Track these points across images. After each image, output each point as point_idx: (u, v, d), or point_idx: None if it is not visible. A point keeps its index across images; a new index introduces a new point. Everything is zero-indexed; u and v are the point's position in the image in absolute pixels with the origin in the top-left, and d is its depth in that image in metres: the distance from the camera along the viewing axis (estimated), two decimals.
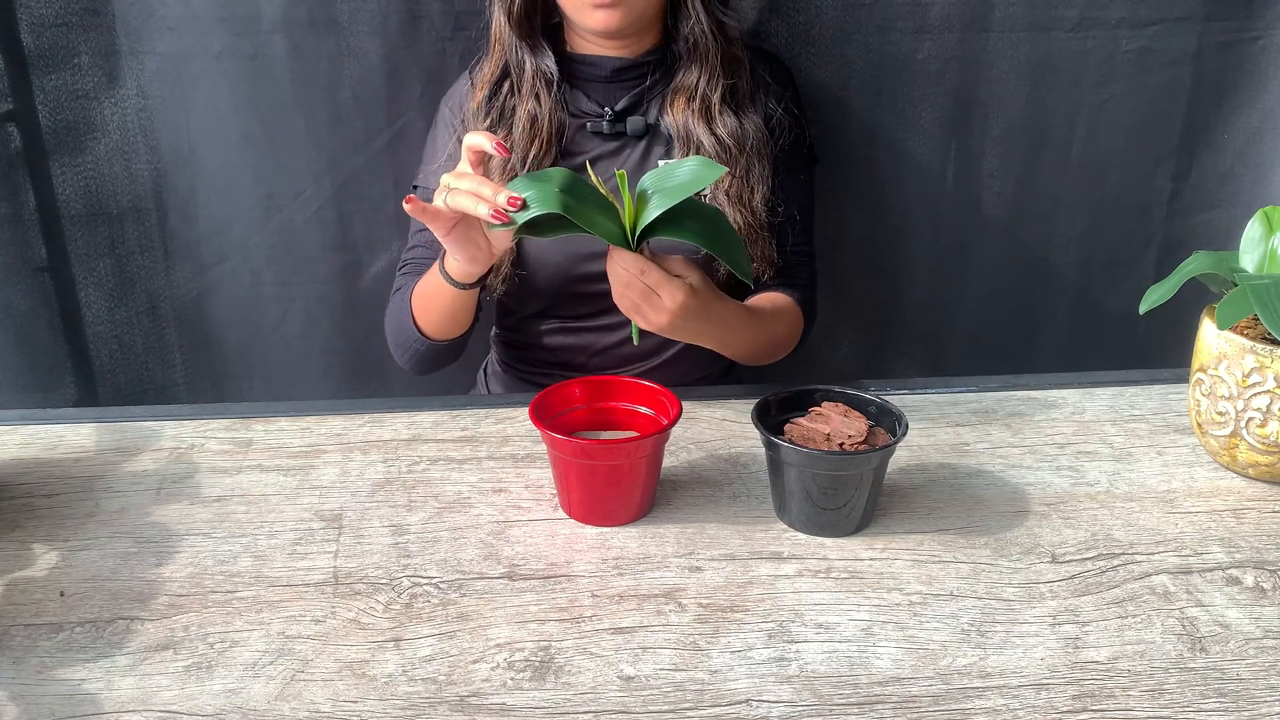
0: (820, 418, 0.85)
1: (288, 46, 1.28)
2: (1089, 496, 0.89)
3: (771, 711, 0.66)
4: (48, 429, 0.99)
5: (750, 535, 0.83)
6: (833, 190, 1.36)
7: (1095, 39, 1.35)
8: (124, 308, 1.41)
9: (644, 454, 0.83)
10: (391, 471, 0.92)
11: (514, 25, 1.10)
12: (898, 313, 1.51)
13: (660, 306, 0.91)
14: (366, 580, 0.78)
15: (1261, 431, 0.87)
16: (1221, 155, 1.43)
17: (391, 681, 0.68)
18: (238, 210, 1.37)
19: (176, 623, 0.73)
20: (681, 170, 0.85)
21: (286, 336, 1.44)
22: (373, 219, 1.39)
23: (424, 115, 1.29)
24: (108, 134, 1.32)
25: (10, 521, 0.85)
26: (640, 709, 0.66)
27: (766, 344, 1.11)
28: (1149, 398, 1.06)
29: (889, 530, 0.84)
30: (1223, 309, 0.84)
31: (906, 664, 0.70)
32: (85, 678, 0.68)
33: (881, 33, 1.33)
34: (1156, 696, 0.67)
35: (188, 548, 0.81)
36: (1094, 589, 0.77)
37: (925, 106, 1.38)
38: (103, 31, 1.27)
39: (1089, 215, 1.45)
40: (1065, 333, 1.53)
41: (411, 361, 1.14)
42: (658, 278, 0.89)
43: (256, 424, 1.00)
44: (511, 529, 0.84)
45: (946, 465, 0.93)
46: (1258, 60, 1.38)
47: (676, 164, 0.86)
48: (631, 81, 1.13)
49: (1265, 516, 0.86)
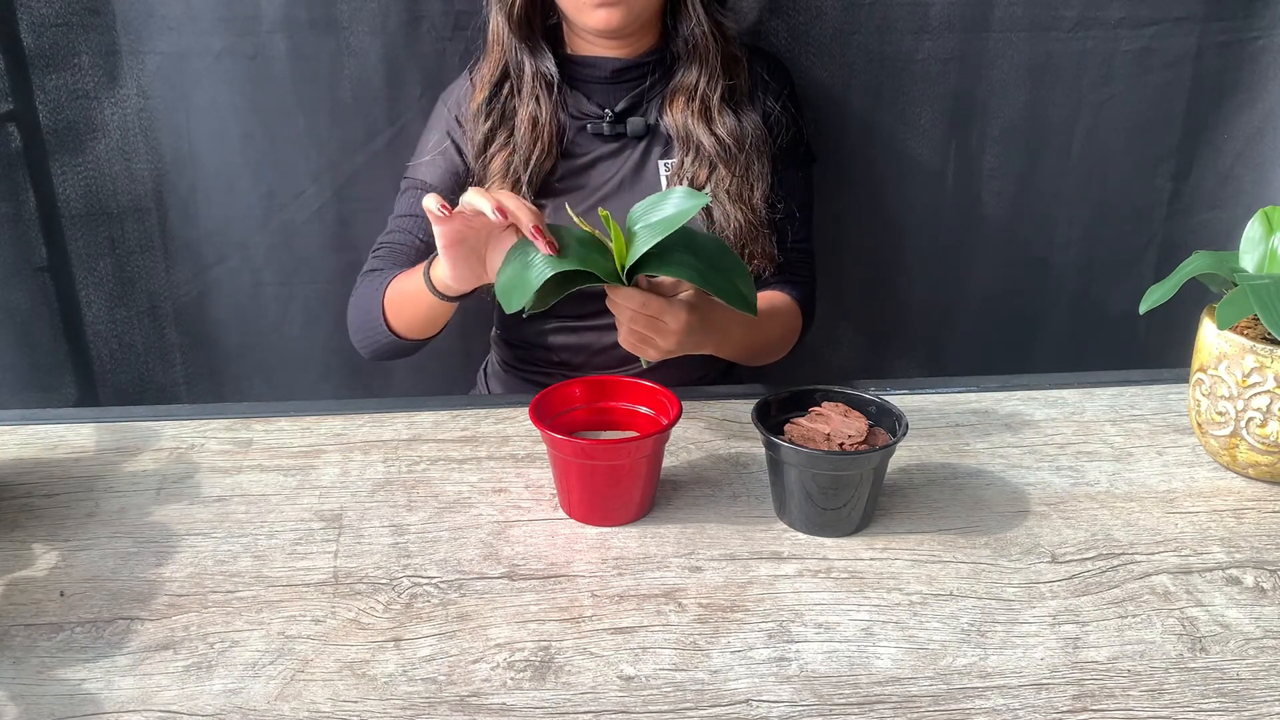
0: (820, 418, 0.85)
1: (288, 46, 1.28)
2: (1089, 496, 0.89)
3: (771, 711, 0.66)
4: (48, 429, 0.99)
5: (750, 535, 0.83)
6: (832, 190, 1.36)
7: (1095, 39, 1.35)
8: (124, 308, 1.41)
9: (644, 454, 0.83)
10: (391, 471, 0.92)
11: (513, 26, 1.10)
12: (898, 313, 1.51)
13: (666, 331, 0.91)
14: (366, 580, 0.78)
15: (1261, 431, 0.87)
16: (1221, 155, 1.43)
17: (391, 681, 0.68)
18: (238, 210, 1.37)
19: (176, 623, 0.73)
20: (667, 204, 0.84)
21: (286, 336, 1.44)
22: (373, 219, 1.38)
23: (424, 115, 1.29)
24: (108, 134, 1.32)
25: (10, 521, 0.85)
26: (640, 709, 0.66)
27: (764, 344, 1.11)
28: (1149, 398, 1.06)
29: (889, 530, 0.84)
30: (1223, 309, 0.84)
31: (906, 664, 0.70)
32: (85, 678, 0.68)
33: (881, 33, 1.33)
34: (1156, 696, 0.67)
35: (188, 548, 0.81)
36: (1094, 589, 0.77)
37: (925, 106, 1.38)
38: (103, 31, 1.27)
39: (1089, 215, 1.45)
40: (1065, 333, 1.53)
41: (371, 350, 1.14)
42: (659, 305, 0.89)
43: (256, 424, 1.00)
44: (511, 529, 0.84)
45: (946, 465, 0.93)
46: (1258, 60, 1.38)
47: (661, 196, 0.85)
48: (631, 82, 1.13)
49: (1265, 516, 0.86)
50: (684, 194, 0.84)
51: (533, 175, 1.10)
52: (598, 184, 1.14)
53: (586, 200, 1.13)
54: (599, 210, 0.84)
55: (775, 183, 1.14)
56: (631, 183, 1.14)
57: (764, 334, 1.10)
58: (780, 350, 1.16)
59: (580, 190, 1.13)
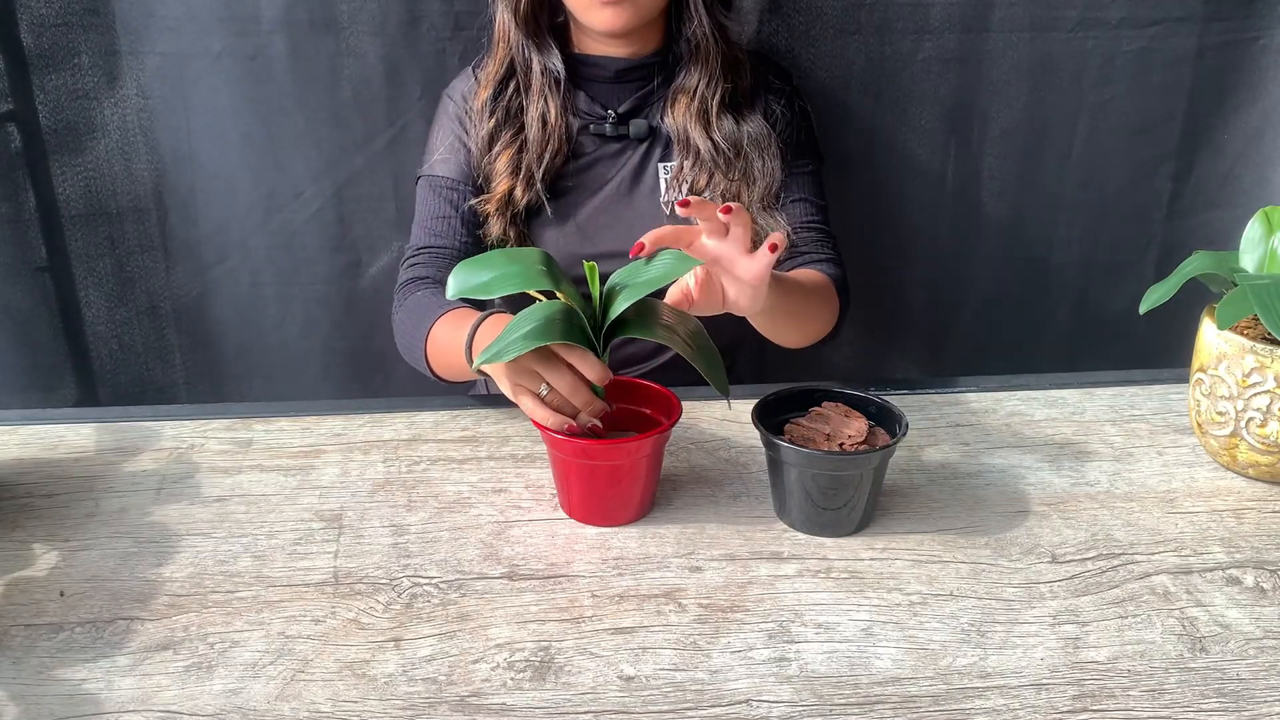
0: (820, 418, 0.85)
1: (288, 46, 1.28)
2: (1089, 496, 0.89)
3: (771, 711, 0.66)
4: (48, 429, 0.99)
5: (750, 535, 0.83)
6: (833, 190, 1.36)
7: (1095, 39, 1.35)
8: (124, 308, 1.41)
9: (644, 454, 0.83)
10: (391, 471, 0.92)
11: (520, 24, 1.10)
12: (898, 313, 1.51)
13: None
14: (366, 580, 0.78)
15: (1261, 431, 0.87)
16: (1221, 155, 1.43)
17: (391, 681, 0.68)
18: (238, 210, 1.37)
19: (176, 623, 0.73)
20: (654, 266, 0.81)
21: (286, 336, 1.44)
22: (373, 219, 1.39)
23: (424, 115, 1.29)
24: (108, 134, 1.32)
25: (10, 521, 0.85)
26: (640, 709, 0.66)
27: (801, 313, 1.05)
28: (1149, 398, 1.06)
29: (889, 530, 0.84)
30: (1223, 309, 0.84)
31: (906, 664, 0.70)
32: (85, 678, 0.68)
33: (881, 33, 1.33)
34: (1156, 696, 0.67)
35: (188, 548, 0.81)
36: (1094, 589, 0.77)
37: (925, 106, 1.38)
38: (103, 31, 1.27)
39: (1089, 215, 1.45)
40: (1065, 333, 1.53)
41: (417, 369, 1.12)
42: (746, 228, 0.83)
43: (256, 424, 1.00)
44: (511, 529, 0.84)
45: (946, 465, 0.93)
46: (1258, 60, 1.38)
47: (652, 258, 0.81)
48: (635, 83, 1.13)
49: (1265, 516, 0.86)
50: (675, 256, 0.81)
51: (545, 173, 1.10)
52: (597, 184, 1.14)
53: (585, 200, 1.13)
54: (585, 264, 0.81)
55: (785, 181, 1.13)
56: (631, 184, 1.14)
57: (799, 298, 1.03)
58: (817, 323, 1.10)
59: (580, 190, 1.14)
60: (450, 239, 1.13)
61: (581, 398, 0.82)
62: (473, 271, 0.80)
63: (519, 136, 1.11)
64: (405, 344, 1.08)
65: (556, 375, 0.81)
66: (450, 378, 1.05)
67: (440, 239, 1.13)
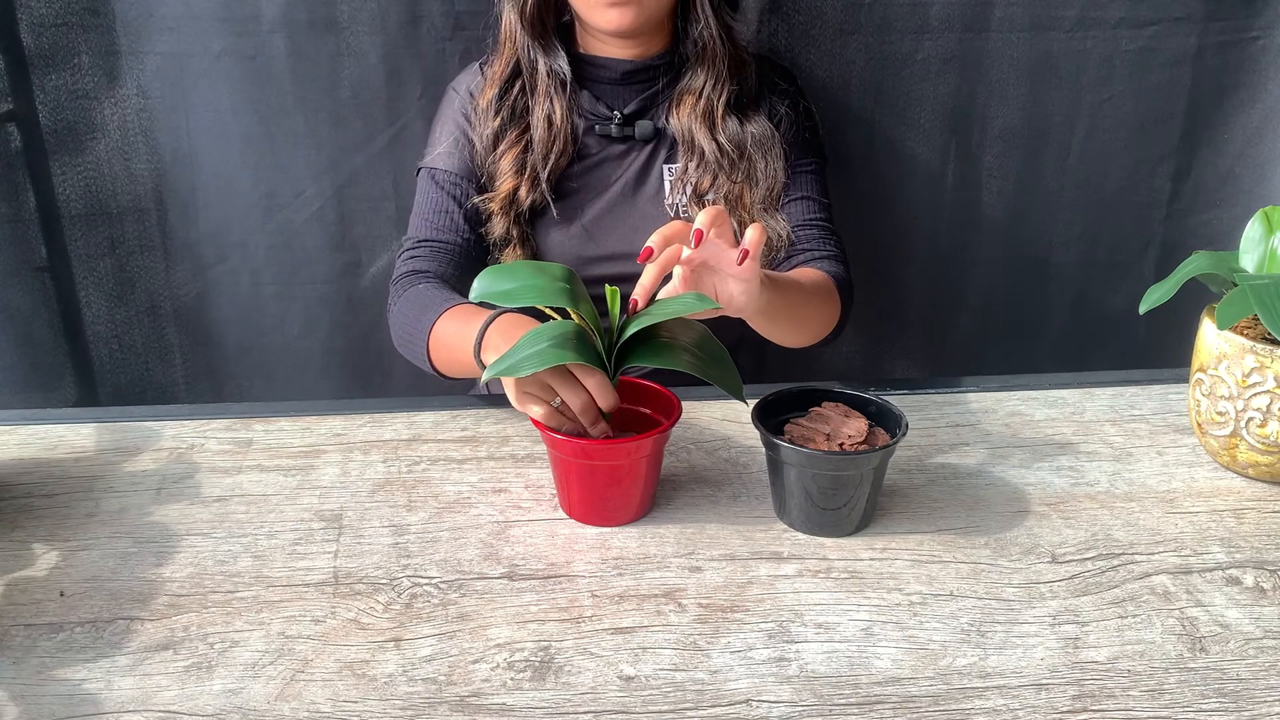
0: (820, 418, 0.85)
1: (288, 46, 1.28)
2: (1089, 496, 0.89)
3: (771, 711, 0.66)
4: (48, 429, 0.99)
5: (750, 535, 0.83)
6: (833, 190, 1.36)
7: (1095, 39, 1.35)
8: (124, 308, 1.41)
9: (644, 454, 0.83)
10: (391, 471, 0.92)
11: (526, 25, 1.10)
12: (898, 313, 1.51)
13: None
14: (366, 580, 0.78)
15: (1261, 431, 0.87)
16: (1221, 155, 1.43)
17: (391, 681, 0.68)
18: (238, 210, 1.37)
19: (176, 623, 0.73)
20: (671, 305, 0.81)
21: (286, 336, 1.44)
22: (373, 219, 1.39)
23: (424, 115, 1.29)
24: (108, 134, 1.32)
25: (10, 521, 0.85)
26: (640, 709, 0.66)
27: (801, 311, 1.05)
28: (1149, 398, 1.06)
29: (889, 530, 0.84)
30: (1223, 309, 0.84)
31: (906, 664, 0.70)
32: (85, 678, 0.68)
33: (881, 33, 1.33)
34: (1156, 696, 0.67)
35: (188, 548, 0.81)
36: (1094, 589, 0.77)
37: (925, 106, 1.38)
38: (103, 31, 1.27)
39: (1089, 215, 1.45)
40: (1065, 333, 1.53)
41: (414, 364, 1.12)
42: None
43: (256, 424, 1.00)
44: (511, 529, 0.84)
45: (946, 465, 0.93)
46: (1258, 60, 1.38)
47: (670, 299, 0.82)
48: (641, 84, 1.13)
49: (1265, 516, 0.86)
50: (693, 297, 0.81)
51: (551, 174, 1.11)
52: (602, 185, 1.14)
53: (589, 201, 1.13)
54: (606, 287, 0.82)
55: (788, 179, 1.14)
56: (635, 186, 1.14)
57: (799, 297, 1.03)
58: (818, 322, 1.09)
59: (584, 191, 1.14)
60: (451, 234, 1.13)
61: (590, 418, 0.83)
62: (498, 278, 0.82)
63: (524, 136, 1.11)
64: (404, 337, 1.07)
65: (572, 394, 0.82)
66: (452, 374, 1.05)
67: (441, 233, 1.13)
